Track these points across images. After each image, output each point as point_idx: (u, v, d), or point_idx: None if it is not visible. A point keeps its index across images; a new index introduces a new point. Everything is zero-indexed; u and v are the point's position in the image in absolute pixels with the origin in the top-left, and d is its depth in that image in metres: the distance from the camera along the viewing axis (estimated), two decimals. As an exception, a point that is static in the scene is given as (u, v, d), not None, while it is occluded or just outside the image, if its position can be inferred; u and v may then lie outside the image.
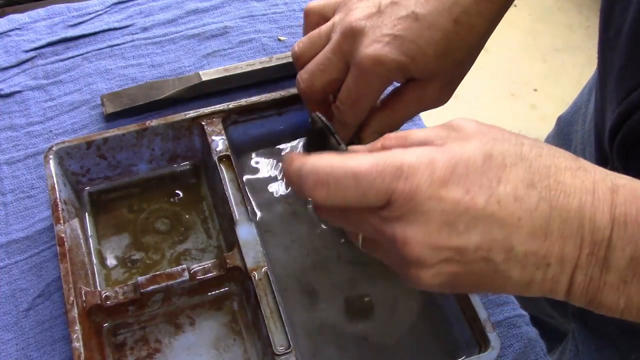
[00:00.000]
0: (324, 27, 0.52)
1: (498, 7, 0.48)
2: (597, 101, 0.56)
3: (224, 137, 0.57)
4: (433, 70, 0.49)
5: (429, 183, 0.34)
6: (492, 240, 0.34)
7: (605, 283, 0.34)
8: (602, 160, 0.53)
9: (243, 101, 0.59)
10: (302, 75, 0.52)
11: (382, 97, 0.53)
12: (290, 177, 0.38)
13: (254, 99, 0.60)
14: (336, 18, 0.51)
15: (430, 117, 0.60)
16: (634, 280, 0.34)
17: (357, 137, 0.54)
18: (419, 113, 0.54)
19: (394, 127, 0.54)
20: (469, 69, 0.52)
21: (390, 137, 0.39)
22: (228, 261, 0.52)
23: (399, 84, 0.52)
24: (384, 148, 0.39)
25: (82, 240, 0.54)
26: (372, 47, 0.47)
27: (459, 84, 0.53)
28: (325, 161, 0.36)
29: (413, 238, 0.35)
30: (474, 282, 0.36)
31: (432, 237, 0.34)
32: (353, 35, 0.49)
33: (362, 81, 0.49)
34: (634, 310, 0.35)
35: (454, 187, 0.34)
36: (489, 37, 0.51)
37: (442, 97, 0.52)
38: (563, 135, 0.73)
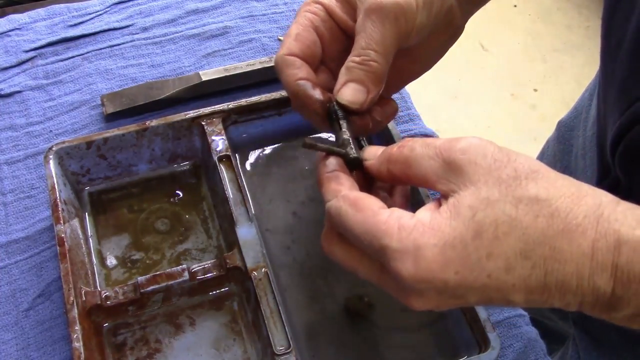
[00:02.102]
0: None
1: None
2: (599, 110, 0.56)
3: (224, 137, 0.57)
4: (424, 26, 0.46)
5: (414, 272, 0.35)
6: (489, 299, 0.36)
7: (613, 318, 0.35)
8: (604, 169, 0.53)
9: (243, 101, 0.59)
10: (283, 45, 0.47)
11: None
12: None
13: (254, 99, 0.60)
14: None
15: (430, 117, 0.60)
16: None
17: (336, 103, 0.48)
18: (391, 56, 0.47)
19: (373, 72, 0.45)
20: (453, 40, 0.50)
21: (395, 162, 0.40)
22: (228, 261, 0.52)
23: None
24: (388, 172, 0.40)
25: (82, 240, 0.54)
26: None
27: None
28: (338, 207, 0.40)
29: (418, 304, 0.37)
30: (476, 304, 0.38)
31: (430, 304, 0.37)
32: None
33: (367, 22, 0.44)
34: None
35: (441, 272, 0.35)
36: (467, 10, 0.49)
37: (426, 64, 0.50)
38: (564, 140, 0.73)
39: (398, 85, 0.51)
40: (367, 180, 0.45)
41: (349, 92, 0.45)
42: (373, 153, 0.43)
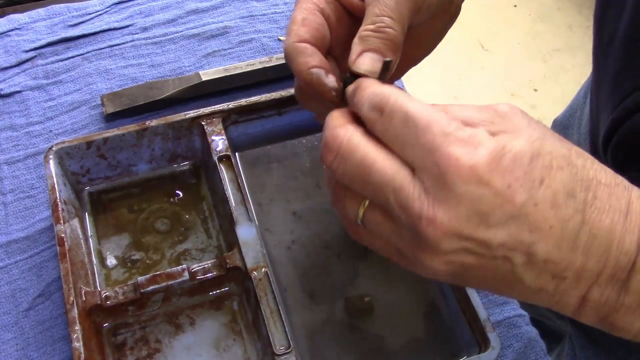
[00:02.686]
0: None
1: None
2: (591, 107, 0.56)
3: (224, 137, 0.57)
4: None
5: (472, 163, 0.32)
6: (518, 241, 0.33)
7: (623, 304, 0.34)
8: None
9: (243, 101, 0.59)
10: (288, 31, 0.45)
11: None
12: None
13: (254, 99, 0.60)
14: None
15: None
16: None
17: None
18: (406, 22, 0.44)
19: (390, 40, 0.42)
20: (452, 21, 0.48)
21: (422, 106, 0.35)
22: (228, 261, 0.52)
23: None
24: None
25: (82, 240, 0.54)
26: None
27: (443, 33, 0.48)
28: (384, 91, 0.35)
29: (440, 219, 0.32)
30: (483, 278, 0.35)
31: (460, 223, 0.33)
32: None
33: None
34: None
35: (496, 176, 0.32)
36: None
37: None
38: None
39: (397, 73, 0.48)
40: None
41: (367, 62, 0.41)
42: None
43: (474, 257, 0.34)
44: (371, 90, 0.36)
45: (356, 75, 0.41)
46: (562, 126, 0.73)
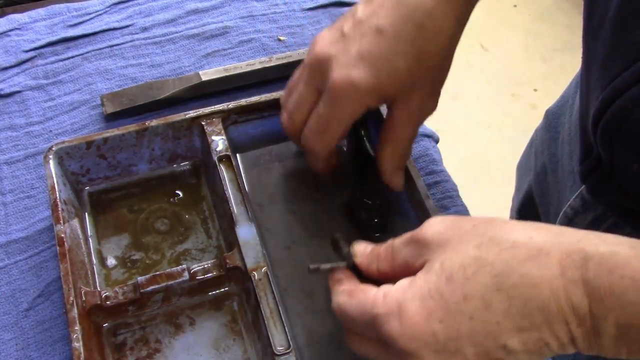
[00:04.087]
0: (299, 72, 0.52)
1: (461, 3, 0.47)
2: (582, 93, 0.56)
3: (224, 137, 0.57)
4: (407, 82, 0.48)
5: (401, 330, 0.37)
6: (486, 348, 0.36)
7: (603, 345, 0.36)
8: (586, 149, 0.53)
9: (243, 101, 0.59)
10: (283, 115, 0.52)
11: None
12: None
13: (254, 99, 0.60)
14: (306, 57, 0.51)
15: (430, 117, 0.60)
16: (627, 338, 0.35)
17: (383, 183, 0.53)
18: (418, 128, 0.53)
19: (407, 155, 0.53)
20: (448, 71, 0.51)
21: (382, 259, 0.43)
22: (228, 261, 0.52)
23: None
24: (377, 271, 0.43)
25: (82, 240, 0.54)
26: (341, 71, 0.46)
27: (441, 87, 0.51)
28: (337, 301, 0.43)
29: None
30: None
31: None
32: (320, 64, 0.48)
33: (334, 107, 0.48)
34: (636, 353, 0.36)
35: (426, 324, 0.37)
36: (460, 35, 0.49)
37: (430, 105, 0.51)
38: (551, 127, 0.73)
39: (412, 132, 0.52)
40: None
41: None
42: (362, 251, 0.45)
43: (457, 358, 0.38)
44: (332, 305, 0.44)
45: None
46: (554, 116, 0.73)
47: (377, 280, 0.43)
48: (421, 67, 0.47)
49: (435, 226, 0.40)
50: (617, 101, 0.45)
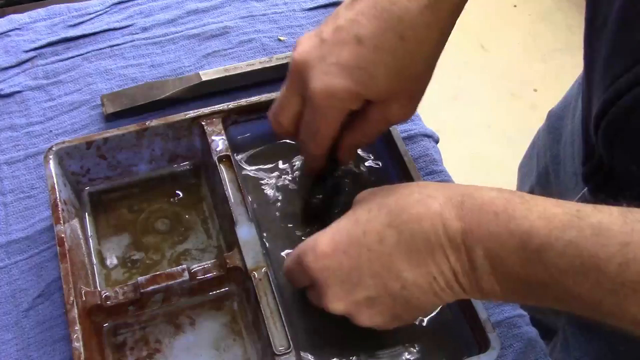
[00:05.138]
0: None
1: (446, 14, 0.46)
2: (583, 94, 0.56)
3: (224, 137, 0.57)
4: (387, 91, 0.48)
5: (314, 259, 0.44)
6: (384, 280, 0.42)
7: (481, 278, 0.41)
8: (589, 151, 0.53)
9: (243, 101, 0.59)
10: (269, 115, 0.53)
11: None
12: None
13: (254, 99, 0.60)
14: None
15: (430, 117, 0.60)
16: (497, 273, 0.40)
17: (335, 156, 0.54)
18: (389, 128, 0.55)
19: (368, 143, 0.55)
20: (429, 80, 0.50)
21: None
22: (228, 261, 0.52)
23: None
24: None
25: (82, 240, 0.54)
26: (320, 80, 0.46)
27: (422, 96, 0.51)
28: (284, 264, 0.50)
29: (330, 299, 0.44)
30: (402, 312, 0.44)
31: (340, 296, 0.44)
32: (299, 70, 0.48)
33: (317, 115, 0.48)
34: (509, 293, 0.41)
35: (334, 255, 0.43)
36: (443, 45, 0.48)
37: (407, 111, 0.51)
38: (553, 129, 0.73)
39: (382, 130, 0.54)
40: None
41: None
42: None
43: (377, 306, 0.44)
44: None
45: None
46: (557, 117, 0.73)
47: None
48: (401, 77, 0.47)
49: (362, 193, 0.47)
50: (619, 102, 0.45)
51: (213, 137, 0.57)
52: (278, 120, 0.52)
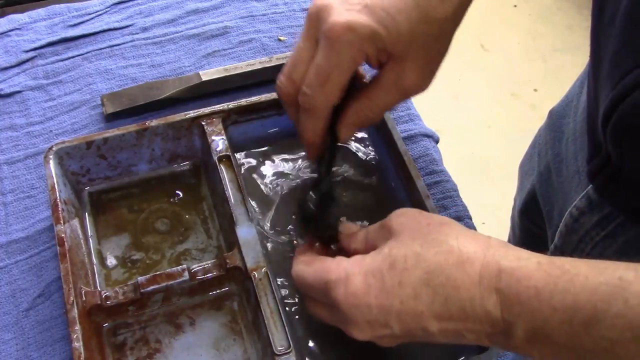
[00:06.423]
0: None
1: None
2: (589, 91, 0.56)
3: (224, 137, 0.57)
4: (406, 42, 0.47)
5: (345, 296, 0.43)
6: (409, 327, 0.43)
7: (516, 346, 0.41)
8: (595, 149, 0.53)
9: (243, 101, 0.59)
10: (280, 77, 0.50)
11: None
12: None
13: (254, 99, 0.60)
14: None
15: (430, 117, 0.60)
16: (535, 340, 0.40)
17: (334, 131, 0.50)
18: (399, 101, 0.51)
19: (373, 119, 0.51)
20: (444, 56, 0.50)
21: (358, 240, 0.48)
22: (228, 261, 0.52)
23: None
24: (353, 250, 0.48)
25: (82, 240, 0.54)
26: (342, 15, 0.45)
27: (437, 68, 0.50)
28: (296, 269, 0.48)
29: (354, 331, 0.44)
30: (423, 340, 0.44)
31: (365, 331, 0.44)
32: (318, 13, 0.46)
33: (332, 53, 0.46)
34: (548, 356, 0.41)
35: (364, 296, 0.43)
36: (462, 16, 0.49)
37: (421, 80, 0.50)
38: (555, 127, 0.73)
39: (393, 100, 0.51)
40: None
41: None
42: (347, 230, 0.50)
43: (399, 339, 0.45)
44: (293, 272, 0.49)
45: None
46: (558, 116, 0.73)
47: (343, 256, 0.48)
48: (421, 32, 0.47)
49: (400, 217, 0.46)
50: (628, 99, 0.45)
51: (213, 137, 0.57)
52: (292, 78, 0.49)
